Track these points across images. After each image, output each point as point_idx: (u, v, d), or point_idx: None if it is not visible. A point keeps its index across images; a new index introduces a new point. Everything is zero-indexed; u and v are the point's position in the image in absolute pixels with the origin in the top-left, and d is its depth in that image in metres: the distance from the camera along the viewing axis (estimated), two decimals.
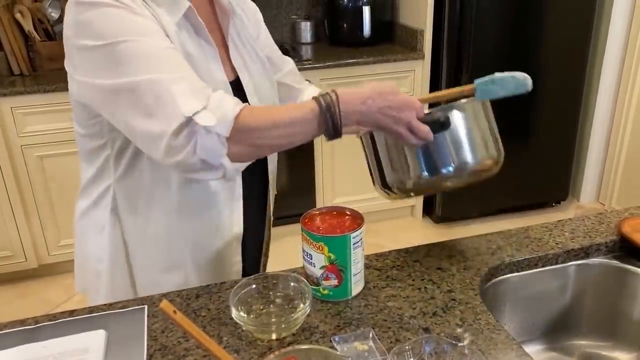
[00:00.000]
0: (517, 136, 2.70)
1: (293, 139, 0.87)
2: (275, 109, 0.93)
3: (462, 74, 2.48)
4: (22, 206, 2.31)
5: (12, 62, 2.30)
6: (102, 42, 0.82)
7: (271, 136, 0.85)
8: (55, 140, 2.26)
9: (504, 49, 2.51)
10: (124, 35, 0.81)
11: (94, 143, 0.97)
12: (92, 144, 0.98)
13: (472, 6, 2.35)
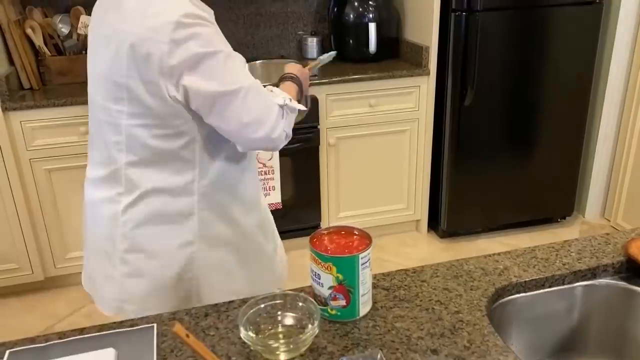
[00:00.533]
0: (522, 151, 2.70)
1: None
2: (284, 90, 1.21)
3: (467, 90, 2.49)
4: (30, 219, 2.33)
5: (23, 76, 2.33)
6: (211, 49, 1.03)
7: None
8: (63, 154, 2.28)
9: (508, 65, 2.53)
10: (221, 48, 1.05)
11: (172, 144, 1.10)
12: (171, 145, 1.10)
13: (477, 23, 2.37)
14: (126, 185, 1.13)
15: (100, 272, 1.21)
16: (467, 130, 2.60)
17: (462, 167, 2.67)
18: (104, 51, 1.09)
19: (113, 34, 1.06)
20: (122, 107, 1.08)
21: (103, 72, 1.10)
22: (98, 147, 1.17)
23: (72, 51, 2.43)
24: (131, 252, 1.16)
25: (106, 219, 1.16)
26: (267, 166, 2.46)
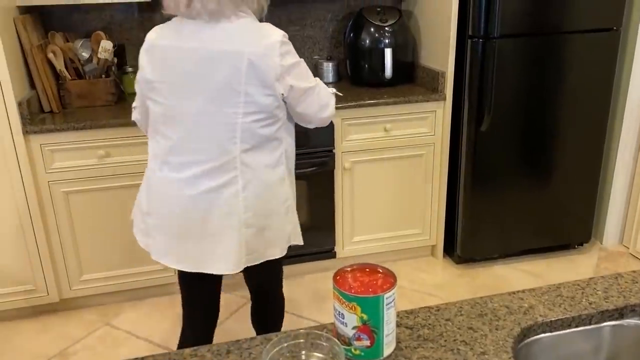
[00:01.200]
0: (539, 177, 2.69)
1: None
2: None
3: (484, 116, 2.49)
4: (47, 240, 2.34)
5: (44, 100, 2.36)
6: (298, 59, 1.45)
7: None
8: (81, 176, 2.30)
9: (525, 91, 2.52)
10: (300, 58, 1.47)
11: (272, 128, 1.46)
12: (271, 130, 1.46)
13: (494, 50, 2.38)
14: (241, 169, 1.44)
15: (218, 245, 1.48)
16: (484, 156, 2.59)
17: (479, 192, 2.66)
18: (220, 66, 1.37)
19: (230, 53, 1.36)
20: (237, 109, 1.39)
21: (221, 84, 1.37)
22: (202, 148, 1.43)
23: (92, 75, 2.46)
24: (253, 217, 1.48)
25: (228, 199, 1.45)
26: None
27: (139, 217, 1.59)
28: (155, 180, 1.50)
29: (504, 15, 2.35)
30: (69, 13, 2.62)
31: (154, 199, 1.51)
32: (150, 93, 1.46)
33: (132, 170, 2.34)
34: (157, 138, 1.49)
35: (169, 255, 1.54)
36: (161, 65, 1.42)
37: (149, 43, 1.46)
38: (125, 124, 2.26)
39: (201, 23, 1.39)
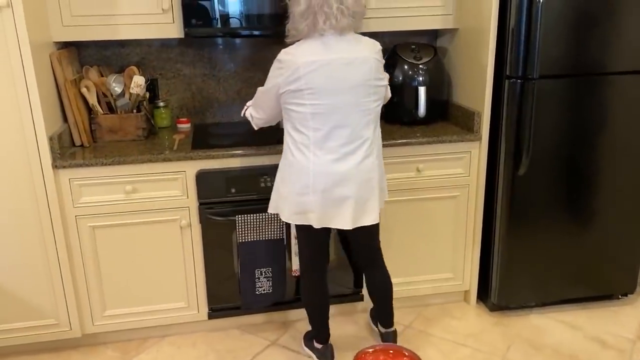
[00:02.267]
0: (580, 222, 2.55)
1: None
2: None
3: (522, 159, 2.38)
4: (71, 275, 2.33)
5: (75, 133, 2.38)
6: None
7: None
8: (108, 211, 2.28)
9: (566, 134, 2.41)
10: None
11: (380, 109, 2.01)
12: (380, 109, 2.01)
13: (533, 91, 2.29)
14: (372, 143, 1.95)
15: (368, 204, 1.99)
16: (521, 199, 2.47)
17: (515, 237, 2.53)
18: (359, 69, 1.87)
19: (361, 59, 1.87)
20: (369, 98, 1.91)
21: (360, 81, 1.87)
22: (343, 133, 1.89)
23: (124, 110, 2.47)
24: (381, 181, 2.04)
25: (370, 167, 1.96)
26: None
27: (294, 200, 1.97)
28: (311, 163, 1.91)
29: (544, 56, 2.26)
30: (104, 47, 2.66)
31: (315, 179, 1.92)
32: (298, 99, 1.87)
33: (159, 207, 2.32)
34: (303, 131, 1.90)
35: (333, 220, 1.97)
36: (316, 75, 1.83)
37: (301, 60, 1.83)
38: (153, 160, 2.25)
39: (332, 38, 1.86)
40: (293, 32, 1.91)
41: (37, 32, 2.14)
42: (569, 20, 2.27)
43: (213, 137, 2.56)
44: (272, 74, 1.93)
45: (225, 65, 2.79)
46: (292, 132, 1.94)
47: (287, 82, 1.86)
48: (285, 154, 2.00)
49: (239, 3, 2.35)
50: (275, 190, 2.07)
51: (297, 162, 1.94)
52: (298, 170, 1.94)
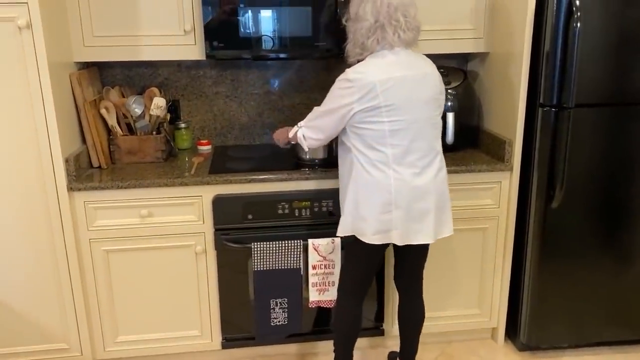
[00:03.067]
0: (618, 259, 2.38)
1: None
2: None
3: (555, 191, 2.24)
4: (84, 299, 2.28)
5: (93, 155, 2.35)
6: None
7: None
8: (122, 235, 2.23)
9: (603, 166, 2.26)
10: None
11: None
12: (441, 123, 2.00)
13: (568, 121, 2.15)
14: (442, 157, 1.97)
15: (444, 215, 1.98)
16: (554, 233, 2.33)
17: (547, 273, 2.38)
18: (428, 84, 1.88)
19: (429, 74, 1.89)
20: (437, 112, 1.93)
21: (431, 96, 1.88)
22: (421, 147, 1.88)
23: (143, 131, 2.43)
24: (449, 193, 2.02)
25: (443, 180, 1.96)
26: (328, 259, 2.29)
27: (376, 219, 1.90)
28: (392, 180, 1.87)
29: (581, 83, 2.13)
30: (127, 67, 2.64)
31: (397, 195, 1.87)
32: (374, 117, 1.83)
33: (174, 232, 2.25)
34: (380, 148, 1.86)
35: (416, 235, 1.93)
36: (393, 92, 1.81)
37: (376, 78, 1.81)
38: (169, 184, 2.19)
39: (401, 53, 1.87)
40: (357, 50, 1.90)
41: (57, 53, 2.12)
42: (609, 45, 2.14)
43: (232, 160, 2.49)
44: (338, 94, 1.86)
45: (247, 87, 2.74)
46: (366, 151, 1.88)
47: (361, 102, 1.82)
48: (358, 174, 1.91)
49: (261, 25, 2.29)
50: (347, 212, 1.97)
51: (376, 180, 1.89)
52: (378, 188, 1.89)
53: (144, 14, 2.28)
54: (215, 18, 2.26)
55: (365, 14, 1.85)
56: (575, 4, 2.05)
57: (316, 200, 2.29)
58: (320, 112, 1.95)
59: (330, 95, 1.90)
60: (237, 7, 2.25)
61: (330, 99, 1.90)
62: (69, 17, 2.24)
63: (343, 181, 2.02)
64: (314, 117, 1.98)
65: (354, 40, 1.91)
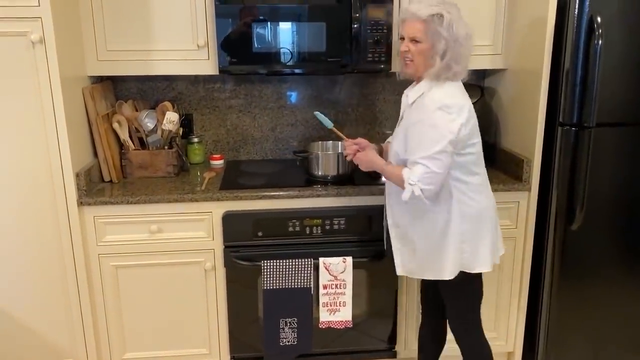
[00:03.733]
0: (638, 285, 2.30)
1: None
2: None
3: (576, 213, 2.17)
4: (92, 314, 2.26)
5: (104, 169, 2.34)
6: None
7: None
8: (131, 251, 2.21)
9: (625, 187, 2.19)
10: None
11: None
12: None
13: (589, 140, 2.08)
14: None
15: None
16: (574, 256, 2.25)
17: (566, 296, 2.30)
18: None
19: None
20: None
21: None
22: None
23: (155, 146, 2.42)
24: None
25: None
26: (339, 279, 2.24)
27: (493, 246, 1.90)
28: (491, 201, 1.90)
29: (602, 102, 2.06)
30: (141, 81, 2.64)
31: (496, 213, 1.92)
32: (472, 140, 1.80)
33: (183, 248, 2.23)
34: (479, 171, 1.86)
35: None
36: (474, 116, 1.81)
37: (468, 102, 1.80)
38: (179, 200, 2.17)
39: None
40: (448, 74, 1.76)
41: (70, 67, 2.12)
42: (631, 63, 2.07)
43: (244, 175, 2.46)
44: (443, 123, 1.72)
45: (260, 102, 2.72)
46: (466, 177, 1.83)
47: (466, 125, 1.76)
48: (462, 204, 1.82)
49: (275, 40, 2.27)
50: (452, 249, 1.85)
51: (482, 205, 1.86)
52: (486, 212, 1.88)
53: (158, 28, 2.27)
54: (228, 33, 2.24)
55: (456, 34, 1.74)
56: (596, 20, 1.99)
57: (328, 218, 2.24)
58: (437, 152, 1.71)
59: (436, 126, 1.73)
60: (251, 22, 2.24)
61: (437, 133, 1.72)
62: (83, 31, 2.24)
63: (434, 220, 1.85)
64: (428, 168, 1.72)
65: (453, 60, 1.75)
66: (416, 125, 1.77)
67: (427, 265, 1.90)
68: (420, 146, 1.74)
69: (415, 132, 1.77)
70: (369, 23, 2.27)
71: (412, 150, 1.78)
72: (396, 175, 1.81)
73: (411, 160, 1.77)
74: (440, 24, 1.72)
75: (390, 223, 1.97)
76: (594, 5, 2.00)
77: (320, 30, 2.28)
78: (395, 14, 2.31)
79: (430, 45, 1.75)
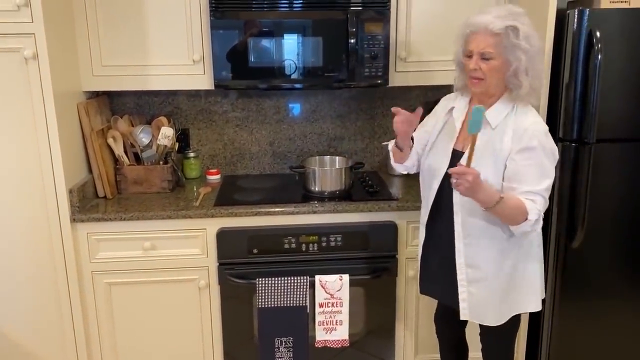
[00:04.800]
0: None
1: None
2: None
3: (577, 231, 2.12)
4: (85, 332, 2.23)
5: (98, 185, 2.31)
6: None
7: None
8: (125, 268, 2.19)
9: (628, 204, 2.14)
10: None
11: None
12: None
13: (589, 156, 2.04)
14: None
15: None
16: (575, 275, 2.20)
17: (568, 316, 2.25)
18: None
19: None
20: None
21: None
22: None
23: (150, 161, 2.40)
24: None
25: None
26: (335, 297, 2.20)
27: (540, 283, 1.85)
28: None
29: (602, 118, 2.02)
30: (137, 96, 2.62)
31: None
32: None
33: (177, 265, 2.20)
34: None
35: None
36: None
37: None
38: (173, 216, 2.15)
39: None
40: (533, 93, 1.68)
41: (64, 83, 2.11)
42: (632, 78, 2.03)
43: (240, 191, 2.44)
44: (554, 152, 1.68)
45: (258, 116, 2.70)
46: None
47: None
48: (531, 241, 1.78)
49: (271, 55, 2.25)
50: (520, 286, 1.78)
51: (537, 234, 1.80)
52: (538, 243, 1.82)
53: (153, 43, 2.26)
54: (224, 48, 2.23)
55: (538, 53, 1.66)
56: (595, 35, 1.96)
57: (324, 234, 2.21)
58: (549, 183, 1.66)
59: (549, 159, 1.65)
60: (247, 37, 2.22)
61: (552, 162, 1.66)
62: (78, 47, 2.23)
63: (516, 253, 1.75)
64: (545, 199, 1.65)
65: (537, 78, 1.67)
66: (531, 155, 1.62)
67: (493, 306, 1.78)
68: (542, 177, 1.63)
69: (532, 162, 1.62)
70: (366, 37, 2.25)
71: (530, 181, 1.62)
72: (518, 207, 1.61)
73: (528, 191, 1.62)
74: (516, 36, 1.58)
75: (466, 263, 1.76)
76: (592, 19, 1.97)
77: (317, 45, 2.26)
78: (392, 28, 2.28)
79: (502, 62, 1.62)
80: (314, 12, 2.22)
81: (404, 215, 2.24)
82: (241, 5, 2.19)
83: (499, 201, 1.59)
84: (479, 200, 1.62)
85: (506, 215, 1.63)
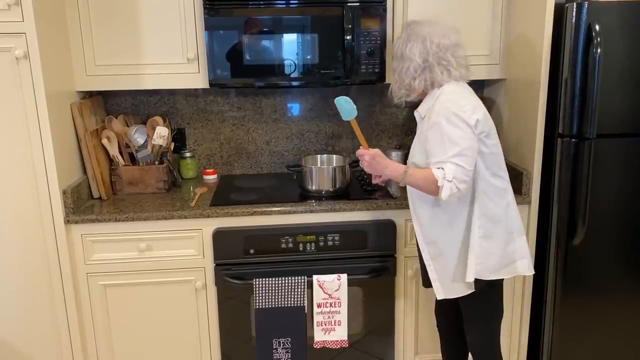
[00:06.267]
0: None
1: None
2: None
3: (577, 227, 2.09)
4: (80, 335, 2.20)
5: (93, 186, 2.29)
6: None
7: None
8: (120, 270, 2.16)
9: (629, 200, 2.11)
10: None
11: None
12: None
13: (590, 152, 2.01)
14: None
15: None
16: (577, 272, 2.17)
17: (570, 314, 2.22)
18: None
19: None
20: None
21: None
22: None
23: (145, 162, 2.37)
24: None
25: None
26: (334, 297, 2.17)
27: (501, 253, 1.81)
28: (512, 207, 1.84)
29: (602, 113, 2.00)
30: (132, 96, 2.60)
31: (517, 221, 1.85)
32: (487, 140, 1.74)
33: (173, 266, 2.17)
34: (503, 175, 1.81)
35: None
36: (489, 118, 1.78)
37: (480, 103, 1.77)
38: (168, 217, 2.12)
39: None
40: (403, 91, 1.86)
41: (57, 83, 2.08)
42: (632, 72, 2.00)
43: (237, 191, 2.41)
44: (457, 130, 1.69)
45: (254, 115, 2.67)
46: (492, 179, 1.78)
47: (480, 124, 1.72)
48: (486, 206, 1.78)
49: (266, 53, 2.22)
50: (474, 254, 1.78)
51: (501, 210, 1.80)
52: (503, 219, 1.81)
53: (147, 42, 2.23)
54: (219, 46, 2.20)
55: (412, 55, 1.77)
56: (594, 29, 1.93)
57: (322, 234, 2.18)
58: (459, 150, 1.67)
59: (454, 128, 1.68)
60: (242, 34, 2.19)
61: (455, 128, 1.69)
62: (71, 46, 2.21)
63: (460, 224, 1.81)
64: (458, 164, 1.67)
65: (399, 80, 1.85)
66: (435, 129, 1.71)
67: (458, 277, 1.83)
68: (445, 146, 1.68)
69: (437, 135, 1.70)
70: (362, 34, 2.22)
71: (436, 152, 1.70)
72: (424, 176, 1.71)
73: (437, 161, 1.70)
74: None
75: (425, 242, 1.88)
76: (591, 13, 1.94)
77: (314, 42, 2.23)
78: (389, 24, 2.26)
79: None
80: (309, 9, 2.19)
81: (402, 213, 2.21)
82: (236, 3, 2.16)
83: (405, 173, 1.76)
84: (388, 176, 1.84)
85: (420, 186, 1.75)
